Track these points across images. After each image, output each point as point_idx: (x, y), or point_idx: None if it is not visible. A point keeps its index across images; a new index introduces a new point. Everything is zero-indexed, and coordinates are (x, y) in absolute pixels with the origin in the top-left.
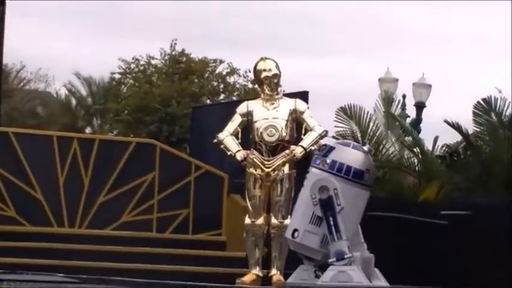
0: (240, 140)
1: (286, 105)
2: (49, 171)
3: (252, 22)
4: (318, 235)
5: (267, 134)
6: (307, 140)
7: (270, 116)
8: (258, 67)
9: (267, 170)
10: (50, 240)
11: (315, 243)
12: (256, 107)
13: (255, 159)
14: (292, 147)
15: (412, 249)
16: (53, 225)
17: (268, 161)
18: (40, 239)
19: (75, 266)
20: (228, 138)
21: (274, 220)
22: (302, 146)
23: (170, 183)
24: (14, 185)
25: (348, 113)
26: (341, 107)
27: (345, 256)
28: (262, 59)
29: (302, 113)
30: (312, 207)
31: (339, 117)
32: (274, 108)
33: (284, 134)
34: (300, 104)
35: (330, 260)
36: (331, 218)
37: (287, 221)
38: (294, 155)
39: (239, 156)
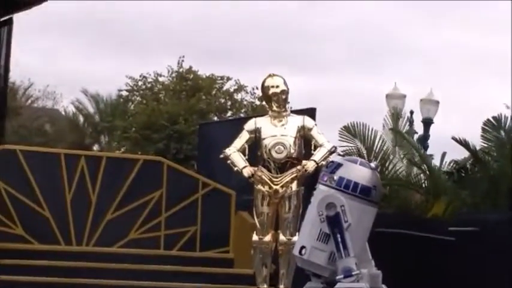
0: (247, 157)
1: (294, 122)
2: (56, 189)
3: (259, 39)
4: (325, 252)
5: (275, 151)
6: (318, 155)
7: (278, 133)
8: (266, 83)
9: (275, 187)
10: (58, 258)
11: (322, 260)
12: (264, 124)
13: (263, 176)
14: (304, 162)
15: (420, 265)
16: (61, 243)
17: (277, 178)
18: (47, 257)
19: (82, 284)
20: (235, 154)
21: (282, 237)
22: (314, 161)
23: (178, 200)
24: (22, 202)
25: (352, 131)
26: (344, 126)
27: (353, 273)
28: (270, 75)
29: (310, 129)
30: (319, 224)
31: (343, 136)
32: (282, 125)
33: (292, 151)
34: (308, 121)
35: (338, 277)
36: (338, 235)
37: (295, 238)
38: (306, 170)
39: (246, 172)
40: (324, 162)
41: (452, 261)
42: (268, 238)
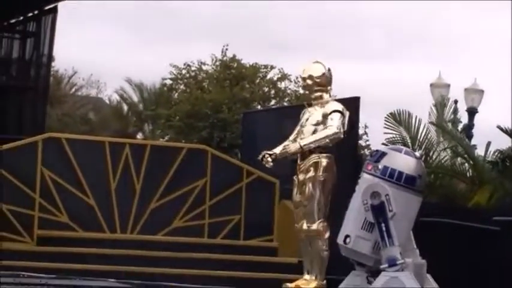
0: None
1: (321, 110)
2: (101, 177)
3: (303, 27)
4: (369, 241)
5: (299, 139)
6: (309, 138)
7: (303, 121)
8: (302, 69)
9: (300, 174)
10: (102, 246)
11: (366, 249)
12: (306, 113)
13: (297, 165)
14: (288, 143)
15: (464, 254)
16: (105, 231)
17: (300, 165)
18: (92, 245)
19: (126, 272)
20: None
21: (304, 225)
22: (299, 144)
23: (222, 189)
24: (67, 190)
25: (397, 118)
26: (390, 113)
27: (397, 262)
28: (313, 62)
29: (328, 114)
30: (364, 213)
31: (388, 123)
32: (311, 113)
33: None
34: (329, 107)
35: (382, 266)
36: (383, 224)
37: (314, 226)
38: (286, 150)
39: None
40: (312, 146)
41: (496, 250)
42: (301, 226)
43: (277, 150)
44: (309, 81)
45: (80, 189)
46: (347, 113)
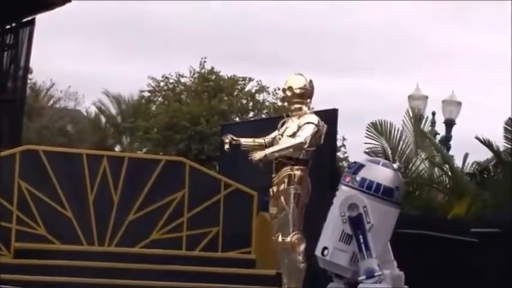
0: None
1: (297, 123)
2: (79, 189)
3: (281, 40)
4: (347, 253)
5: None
6: (274, 148)
7: (280, 133)
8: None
9: (273, 187)
10: (80, 258)
11: (344, 260)
12: (283, 122)
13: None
14: (259, 140)
15: (442, 266)
16: (83, 243)
17: (273, 178)
18: (70, 257)
19: (104, 284)
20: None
21: (279, 237)
22: (265, 152)
23: (200, 201)
24: (44, 203)
25: (379, 129)
26: (372, 123)
27: (375, 274)
28: (295, 73)
29: (301, 126)
30: (342, 225)
31: (369, 133)
32: (288, 124)
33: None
34: (304, 119)
35: (360, 278)
36: (361, 236)
37: (287, 239)
38: (251, 157)
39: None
40: (276, 154)
41: (474, 262)
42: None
43: (243, 140)
44: (288, 93)
45: (58, 202)
46: (324, 127)
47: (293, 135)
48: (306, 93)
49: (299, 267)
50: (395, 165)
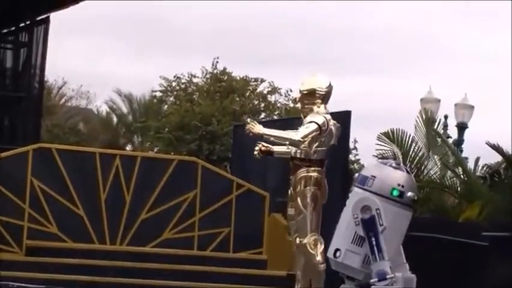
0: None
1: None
2: (91, 188)
3: (294, 41)
4: (360, 255)
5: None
6: (274, 131)
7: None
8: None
9: (290, 188)
10: (92, 257)
11: (356, 263)
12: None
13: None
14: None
15: (453, 269)
16: (95, 241)
17: (290, 179)
18: (82, 256)
19: (116, 283)
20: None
21: (297, 239)
22: (263, 130)
23: (212, 201)
24: (57, 201)
25: (391, 137)
26: (384, 132)
27: (387, 276)
28: (312, 74)
29: (305, 123)
30: (354, 227)
31: (381, 140)
32: (299, 125)
33: (294, 151)
34: (310, 118)
35: (372, 280)
36: (373, 238)
37: (304, 240)
38: (249, 128)
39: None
40: (272, 138)
41: (486, 266)
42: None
43: (276, 148)
44: (303, 93)
45: (70, 200)
46: (335, 126)
47: None
48: (316, 94)
49: (318, 268)
50: (393, 163)
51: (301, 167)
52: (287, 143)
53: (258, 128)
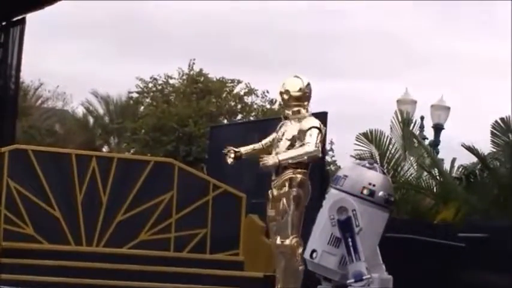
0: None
1: (297, 126)
2: (67, 189)
3: (270, 43)
4: (336, 256)
5: (276, 155)
6: (288, 153)
7: (279, 136)
8: (281, 83)
9: (273, 189)
10: (68, 259)
11: (333, 264)
12: (282, 126)
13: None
14: (266, 156)
15: (429, 270)
16: (71, 243)
17: (273, 180)
18: (58, 257)
19: (92, 285)
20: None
21: (277, 240)
22: (277, 158)
23: (188, 202)
24: (32, 202)
25: (369, 137)
26: (362, 133)
27: (363, 277)
28: (293, 76)
29: (305, 130)
30: (331, 227)
31: (359, 140)
32: (287, 127)
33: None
34: (305, 123)
35: (348, 281)
36: (349, 239)
37: (287, 242)
38: (264, 163)
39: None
40: (290, 161)
41: (462, 267)
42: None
43: (243, 149)
44: (286, 96)
45: (46, 202)
46: (324, 129)
47: (293, 139)
48: (304, 96)
49: (297, 269)
50: (367, 163)
51: (287, 168)
52: (305, 157)
53: (273, 160)
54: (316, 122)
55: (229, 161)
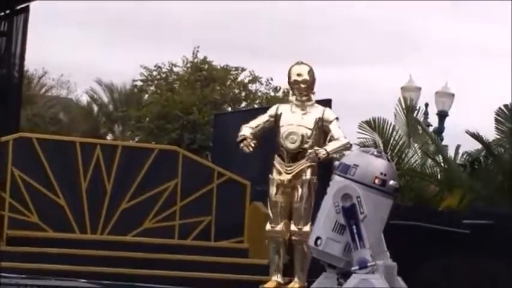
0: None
1: (314, 113)
2: (72, 177)
3: (275, 30)
4: (341, 243)
5: (289, 141)
6: (331, 146)
7: (294, 122)
8: (291, 70)
9: (287, 176)
10: (72, 246)
11: (337, 251)
12: (285, 111)
13: (277, 165)
14: (316, 148)
15: (435, 257)
16: (76, 231)
17: (289, 167)
18: (62, 245)
19: (97, 272)
20: (245, 128)
21: (293, 227)
22: (326, 150)
23: (193, 190)
24: (37, 191)
25: (372, 125)
26: (365, 121)
27: (368, 264)
28: (297, 63)
29: (329, 122)
30: (335, 215)
31: (362, 128)
32: (303, 114)
33: (307, 141)
34: (328, 113)
35: (353, 268)
36: (354, 226)
37: (306, 228)
38: (317, 155)
39: (240, 137)
40: (335, 155)
41: (466, 253)
42: (280, 227)
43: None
44: (303, 85)
45: (51, 190)
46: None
47: (315, 128)
48: (313, 82)
49: (309, 256)
50: (375, 151)
51: (304, 157)
52: (343, 149)
53: (323, 153)
54: (333, 113)
55: (250, 149)
